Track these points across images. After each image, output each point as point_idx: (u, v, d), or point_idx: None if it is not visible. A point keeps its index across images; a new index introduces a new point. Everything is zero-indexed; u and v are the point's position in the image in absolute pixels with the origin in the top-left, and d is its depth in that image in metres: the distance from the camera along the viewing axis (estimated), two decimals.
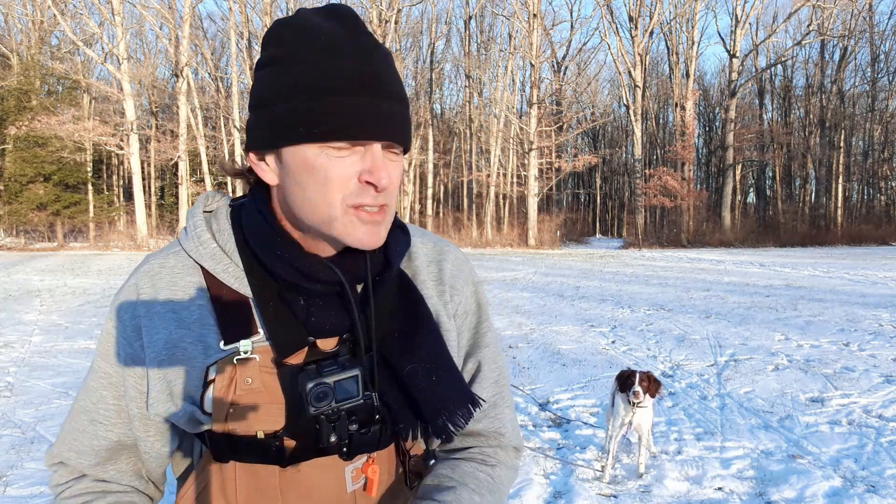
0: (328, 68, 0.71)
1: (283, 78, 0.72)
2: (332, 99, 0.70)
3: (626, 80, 33.82)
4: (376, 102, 0.72)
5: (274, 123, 0.72)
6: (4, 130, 28.14)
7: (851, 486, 3.27)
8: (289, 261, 0.76)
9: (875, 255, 21.84)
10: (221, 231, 0.80)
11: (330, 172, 0.71)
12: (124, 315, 0.81)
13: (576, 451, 3.81)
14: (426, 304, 0.86)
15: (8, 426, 4.24)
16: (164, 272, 0.80)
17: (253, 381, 0.76)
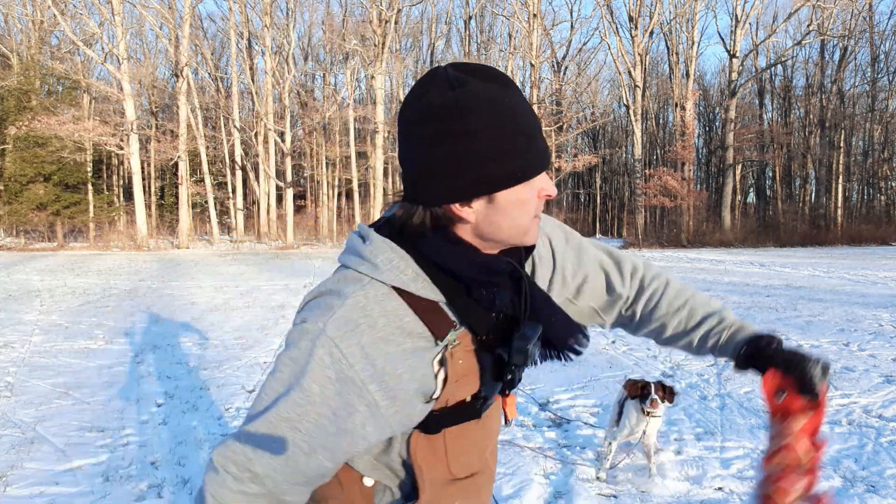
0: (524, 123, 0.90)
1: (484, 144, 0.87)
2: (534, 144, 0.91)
3: (626, 80, 33.81)
4: (541, 141, 0.94)
5: (489, 179, 0.89)
6: (4, 130, 28.13)
7: (851, 486, 3.27)
8: (481, 263, 0.95)
9: (875, 255, 21.84)
10: (403, 257, 0.94)
11: (531, 200, 0.94)
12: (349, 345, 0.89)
13: (576, 451, 3.81)
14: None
15: (8, 426, 4.24)
16: (371, 303, 0.92)
17: (463, 361, 0.98)
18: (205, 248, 28.19)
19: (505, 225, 0.93)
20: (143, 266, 18.25)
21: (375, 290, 0.92)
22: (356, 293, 0.91)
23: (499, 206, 0.91)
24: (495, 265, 0.96)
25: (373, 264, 0.93)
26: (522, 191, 0.92)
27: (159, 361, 6.16)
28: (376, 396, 0.90)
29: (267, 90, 31.37)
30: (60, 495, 3.20)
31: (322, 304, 0.92)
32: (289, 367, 0.90)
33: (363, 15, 34.70)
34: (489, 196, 0.91)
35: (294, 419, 0.89)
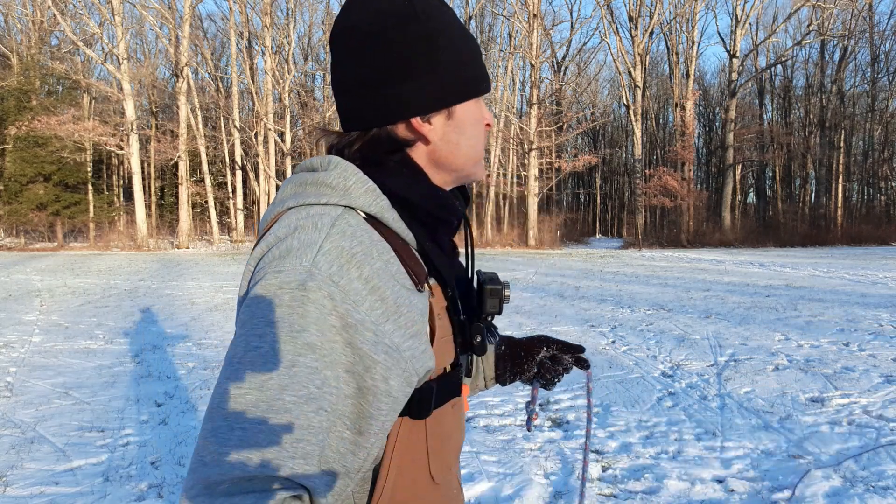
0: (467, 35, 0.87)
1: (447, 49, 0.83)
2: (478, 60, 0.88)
3: (626, 80, 33.82)
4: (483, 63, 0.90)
5: (449, 87, 0.84)
6: (4, 130, 28.14)
7: (851, 486, 3.27)
8: (442, 196, 0.86)
9: (875, 256, 21.84)
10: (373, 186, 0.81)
11: (482, 121, 0.90)
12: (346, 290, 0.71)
13: (576, 451, 3.81)
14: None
15: (8, 426, 4.24)
16: (360, 231, 0.75)
17: (440, 317, 0.83)
18: (205, 248, 28.19)
19: (463, 146, 0.86)
20: (143, 266, 18.25)
21: (356, 218, 0.77)
22: (338, 221, 0.75)
23: (458, 122, 0.86)
24: (452, 201, 0.87)
25: (343, 189, 0.78)
26: (476, 109, 0.88)
27: (159, 361, 6.16)
28: (395, 338, 0.73)
29: (267, 90, 31.38)
30: (60, 495, 3.20)
31: (295, 246, 0.72)
32: (271, 333, 0.68)
33: None
34: (449, 110, 0.85)
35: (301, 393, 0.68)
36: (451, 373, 0.86)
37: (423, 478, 0.83)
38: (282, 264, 0.71)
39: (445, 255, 0.87)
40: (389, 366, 0.72)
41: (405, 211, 0.82)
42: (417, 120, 0.83)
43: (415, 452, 0.81)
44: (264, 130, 31.62)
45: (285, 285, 0.69)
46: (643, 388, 5.18)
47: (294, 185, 0.82)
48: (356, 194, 0.78)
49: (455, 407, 0.90)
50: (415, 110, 0.82)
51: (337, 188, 0.78)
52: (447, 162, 0.87)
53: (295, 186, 0.82)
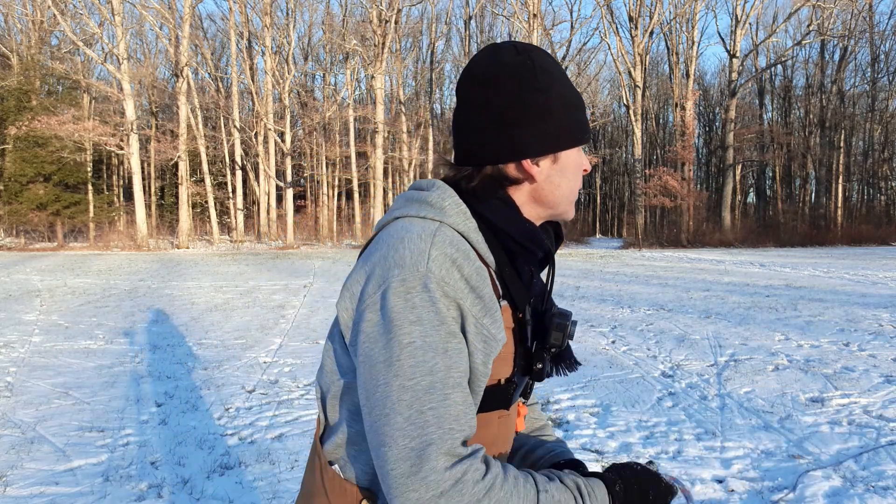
0: (574, 90, 0.98)
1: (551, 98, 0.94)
2: (581, 113, 0.98)
3: (626, 80, 33.81)
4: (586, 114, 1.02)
5: (558, 135, 0.95)
6: (4, 130, 28.14)
7: (851, 486, 3.27)
8: (530, 229, 0.96)
9: (875, 256, 21.84)
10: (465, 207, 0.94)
11: (581, 165, 1.00)
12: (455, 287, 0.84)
13: (576, 451, 3.81)
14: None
15: (8, 426, 4.24)
16: (455, 240, 0.88)
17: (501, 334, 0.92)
18: (205, 248, 28.19)
19: (563, 187, 0.98)
20: (143, 266, 18.24)
21: (450, 230, 0.89)
22: (437, 233, 0.87)
23: (562, 165, 0.97)
24: (540, 235, 0.97)
25: (440, 208, 0.91)
26: (577, 156, 0.99)
27: (159, 361, 6.16)
28: (492, 329, 0.87)
29: (267, 90, 31.37)
30: (60, 495, 3.20)
31: (406, 254, 0.84)
32: (418, 328, 0.81)
33: (363, 15, 34.72)
34: (555, 155, 0.96)
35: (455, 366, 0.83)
36: (504, 386, 0.96)
37: None
38: (403, 273, 0.83)
39: (522, 282, 0.96)
40: (487, 352, 0.87)
41: (491, 235, 0.94)
42: (528, 162, 0.95)
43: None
44: (264, 130, 31.61)
45: (412, 290, 0.82)
46: (643, 388, 5.18)
47: (403, 199, 0.97)
48: (450, 213, 0.91)
49: (502, 419, 1.00)
50: (527, 153, 0.94)
51: (435, 206, 0.92)
52: (547, 200, 0.98)
53: (403, 201, 0.96)
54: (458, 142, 0.97)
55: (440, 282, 0.83)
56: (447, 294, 0.83)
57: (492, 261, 0.93)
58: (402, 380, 0.81)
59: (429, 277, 0.83)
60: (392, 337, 0.82)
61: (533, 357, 0.99)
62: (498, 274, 0.94)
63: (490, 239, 0.93)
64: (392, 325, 0.82)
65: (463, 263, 0.86)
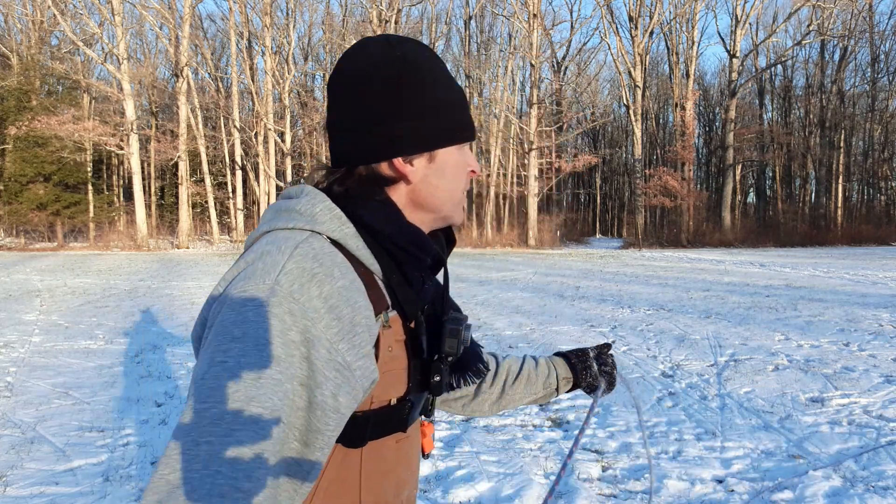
0: (455, 87, 0.93)
1: (431, 96, 0.89)
2: (462, 110, 0.93)
3: (626, 80, 33.82)
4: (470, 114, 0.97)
5: (432, 132, 0.89)
6: (4, 130, 28.15)
7: (851, 486, 3.27)
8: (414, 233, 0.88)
9: (875, 256, 21.85)
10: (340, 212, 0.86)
11: (463, 168, 0.95)
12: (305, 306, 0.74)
13: (576, 451, 3.81)
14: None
15: (8, 426, 4.24)
16: (324, 253, 0.79)
17: (392, 349, 0.85)
18: (205, 248, 28.20)
19: (442, 188, 0.91)
20: (143, 266, 18.25)
21: (320, 242, 0.81)
22: (301, 244, 0.79)
23: (438, 165, 0.90)
24: (425, 240, 0.89)
25: (310, 215, 0.83)
26: (459, 155, 0.93)
27: (159, 361, 6.16)
28: (347, 357, 0.76)
29: (267, 90, 31.37)
30: (60, 495, 3.20)
31: (260, 267, 0.76)
32: (236, 348, 0.70)
33: (363, 15, 34.72)
34: (430, 154, 0.90)
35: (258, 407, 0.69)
36: (396, 407, 0.87)
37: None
38: (246, 284, 0.75)
39: (414, 289, 0.88)
40: (340, 383, 0.75)
41: (374, 241, 0.86)
42: (400, 160, 0.88)
43: (345, 481, 0.83)
44: (264, 130, 31.62)
45: (248, 302, 0.73)
46: (643, 388, 5.18)
47: (271, 211, 0.88)
48: (321, 220, 0.83)
49: (401, 443, 0.90)
50: (398, 151, 0.88)
51: (304, 214, 0.83)
52: (426, 202, 0.91)
53: (271, 213, 0.88)
54: (331, 144, 0.91)
55: (287, 297, 0.73)
56: (292, 312, 0.73)
57: (377, 268, 0.85)
58: (195, 401, 0.69)
59: (274, 291, 0.73)
60: (208, 353, 0.72)
61: (429, 369, 0.91)
62: (385, 282, 0.86)
63: (372, 244, 0.85)
64: (213, 341, 0.73)
65: (324, 280, 0.76)
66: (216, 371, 0.70)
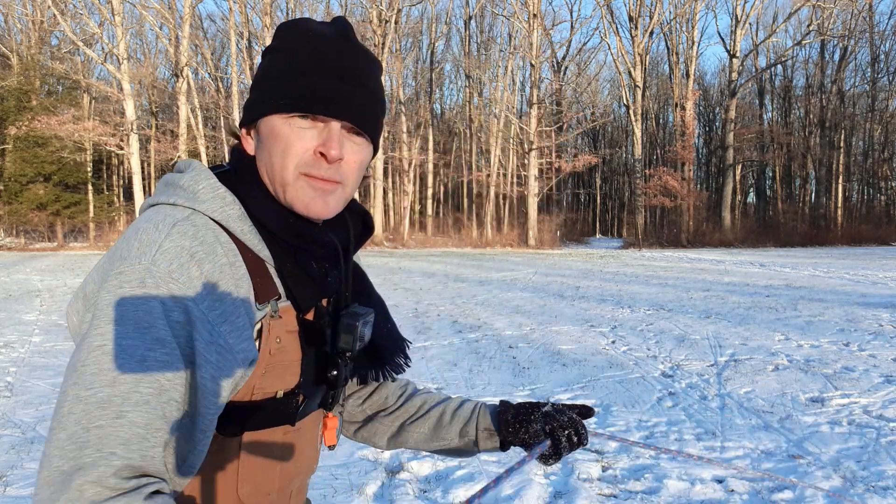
0: (308, 57, 0.82)
1: (272, 64, 0.84)
2: (303, 79, 0.81)
3: (626, 80, 33.82)
4: (340, 86, 0.82)
5: (256, 100, 0.84)
6: (4, 130, 28.14)
7: (851, 486, 3.27)
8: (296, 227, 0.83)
9: (875, 256, 21.85)
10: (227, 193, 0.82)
11: (291, 141, 0.81)
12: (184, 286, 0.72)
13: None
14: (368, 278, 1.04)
15: (8, 426, 4.24)
16: (204, 232, 0.76)
17: (281, 341, 0.81)
18: None
19: (266, 164, 0.83)
20: None
21: (202, 219, 0.77)
22: (181, 222, 0.75)
23: (260, 136, 0.84)
24: (307, 230, 0.84)
25: (192, 192, 0.79)
26: (280, 124, 0.81)
27: None
28: (230, 339, 0.74)
29: None
30: None
31: (136, 247, 0.72)
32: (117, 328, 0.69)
33: (363, 15, 34.71)
34: (256, 124, 0.84)
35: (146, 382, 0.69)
36: (282, 400, 0.83)
37: (230, 498, 0.82)
38: (123, 265, 0.72)
39: (311, 278, 0.84)
40: (221, 366, 0.73)
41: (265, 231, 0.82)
42: (243, 130, 0.86)
43: (223, 468, 0.81)
44: None
45: (126, 284, 0.71)
46: (643, 388, 5.18)
47: (162, 184, 0.84)
48: (203, 198, 0.79)
49: (289, 435, 0.87)
50: (242, 119, 0.85)
51: (187, 191, 0.79)
52: (268, 178, 0.84)
53: (162, 185, 0.83)
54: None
55: (165, 278, 0.71)
56: (172, 293, 0.71)
57: (267, 255, 0.81)
58: (78, 389, 0.68)
59: (150, 271, 0.71)
60: (87, 337, 0.70)
61: (326, 361, 0.88)
62: (278, 270, 0.82)
63: (264, 233, 0.82)
64: (92, 324, 0.71)
65: (204, 259, 0.73)
66: (97, 355, 0.69)
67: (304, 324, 0.85)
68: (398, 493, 3.21)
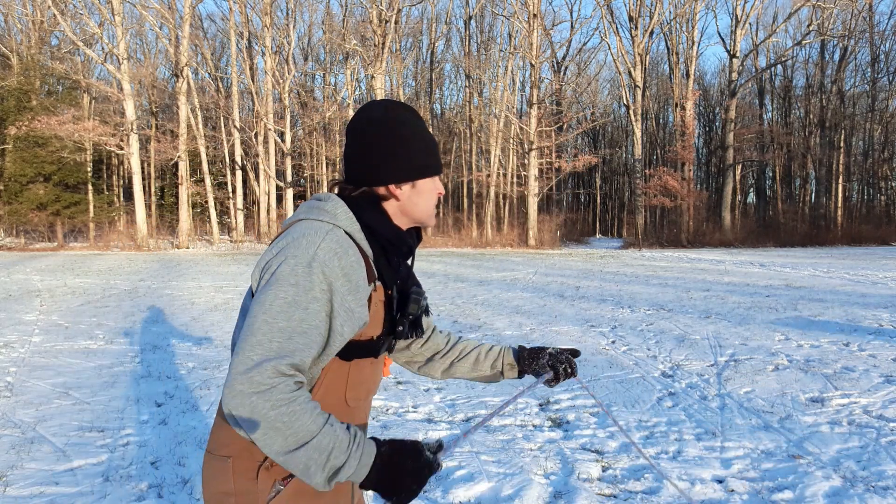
0: (430, 137, 1.39)
1: (410, 144, 1.34)
2: (435, 153, 1.39)
3: (626, 80, 33.81)
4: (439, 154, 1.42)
5: (412, 170, 1.34)
6: (4, 130, 28.13)
7: (851, 486, 3.27)
8: (397, 230, 1.35)
9: (875, 256, 21.85)
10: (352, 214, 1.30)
11: (434, 190, 1.39)
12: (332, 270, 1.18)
13: (576, 451, 3.81)
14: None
15: (8, 426, 4.24)
16: (342, 240, 1.22)
17: (375, 306, 1.30)
18: (205, 248, 28.19)
19: (421, 205, 1.37)
20: (143, 266, 18.25)
21: (339, 232, 1.24)
22: (331, 232, 1.22)
23: (419, 190, 1.36)
24: (404, 235, 1.36)
25: (333, 215, 1.26)
26: (432, 183, 1.38)
27: (159, 361, 6.16)
28: (353, 305, 1.21)
29: (267, 90, 31.36)
30: (60, 495, 3.20)
31: (304, 243, 1.18)
32: (293, 288, 1.14)
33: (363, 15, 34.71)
34: (414, 182, 1.35)
35: (308, 320, 1.14)
36: (374, 341, 1.32)
37: (340, 399, 1.30)
38: (297, 251, 1.18)
39: (392, 269, 1.34)
40: (345, 319, 1.20)
41: (370, 235, 1.30)
42: (393, 186, 1.34)
43: (338, 381, 1.29)
44: (264, 130, 31.61)
45: (300, 264, 1.16)
46: (643, 388, 5.18)
47: (306, 207, 1.31)
48: (341, 219, 1.27)
49: (374, 364, 1.37)
50: (392, 180, 1.33)
51: (329, 213, 1.27)
52: (409, 213, 1.37)
53: (307, 208, 1.30)
54: (347, 168, 1.35)
55: (322, 263, 1.16)
56: (324, 272, 1.16)
57: (370, 252, 1.29)
58: (266, 316, 1.12)
59: (315, 258, 1.16)
60: (272, 289, 1.14)
61: (396, 322, 1.36)
62: (375, 262, 1.30)
63: (368, 237, 1.29)
64: (276, 283, 1.15)
65: (343, 256, 1.20)
66: (280, 303, 1.13)
67: (388, 296, 1.33)
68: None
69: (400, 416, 4.48)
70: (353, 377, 1.31)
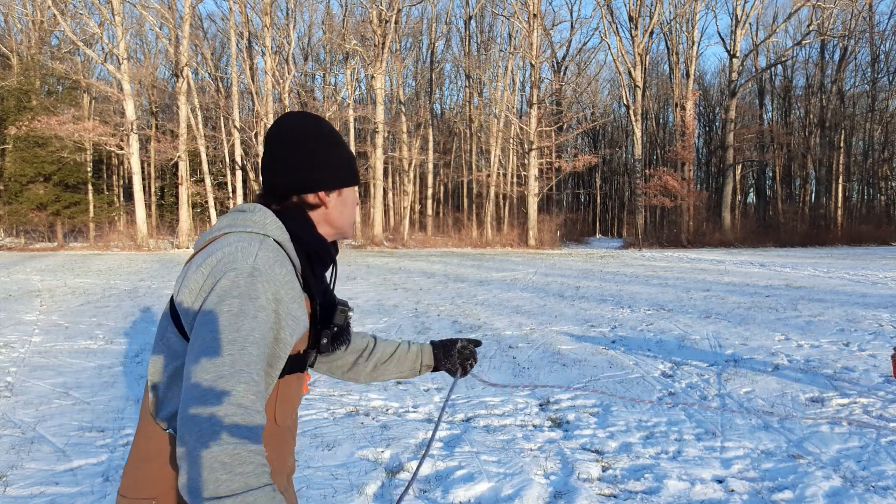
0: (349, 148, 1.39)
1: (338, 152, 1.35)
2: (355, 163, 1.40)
3: (626, 80, 33.81)
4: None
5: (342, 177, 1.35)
6: (4, 130, 28.13)
7: (851, 486, 3.27)
8: (322, 239, 1.33)
9: (875, 256, 21.85)
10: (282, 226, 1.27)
11: (355, 202, 1.40)
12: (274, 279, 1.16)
13: (576, 451, 3.81)
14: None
15: (8, 426, 4.24)
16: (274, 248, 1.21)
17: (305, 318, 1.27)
18: None
19: (346, 214, 1.37)
20: (143, 266, 18.24)
21: (272, 241, 1.22)
22: (264, 242, 1.20)
23: (344, 198, 1.36)
24: (328, 247, 1.35)
25: (262, 224, 1.24)
26: (354, 193, 1.39)
27: None
28: (297, 313, 1.21)
29: (267, 90, 31.36)
30: (60, 495, 3.20)
31: (239, 255, 1.15)
32: (236, 302, 1.11)
33: (363, 15, 34.71)
34: (340, 190, 1.35)
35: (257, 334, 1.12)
36: (301, 355, 1.31)
37: (271, 417, 1.26)
38: (235, 264, 1.14)
39: (318, 280, 1.33)
40: (294, 328, 1.21)
41: (297, 245, 1.28)
42: (323, 193, 1.32)
43: (268, 399, 1.24)
44: (264, 130, 31.59)
45: (240, 276, 1.13)
46: (643, 388, 5.18)
47: (230, 218, 1.27)
48: (270, 228, 1.24)
49: (298, 380, 1.35)
50: (325, 186, 1.32)
51: (258, 223, 1.24)
52: (333, 222, 1.36)
53: (230, 219, 1.26)
54: (270, 178, 1.31)
55: (262, 272, 1.14)
56: (267, 281, 1.14)
57: (298, 263, 1.27)
58: (211, 333, 1.09)
59: (255, 268, 1.14)
60: (218, 305, 1.11)
61: (320, 334, 1.35)
62: (301, 273, 1.27)
63: (295, 246, 1.27)
64: (221, 299, 1.11)
65: (282, 263, 1.20)
66: (227, 315, 1.10)
67: (314, 308, 1.32)
68: (398, 493, 3.21)
69: (400, 416, 4.48)
70: (282, 393, 1.27)
